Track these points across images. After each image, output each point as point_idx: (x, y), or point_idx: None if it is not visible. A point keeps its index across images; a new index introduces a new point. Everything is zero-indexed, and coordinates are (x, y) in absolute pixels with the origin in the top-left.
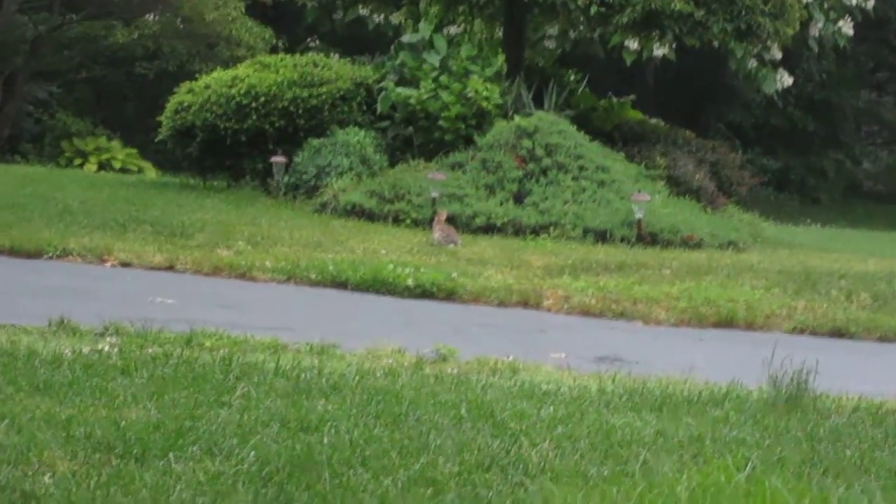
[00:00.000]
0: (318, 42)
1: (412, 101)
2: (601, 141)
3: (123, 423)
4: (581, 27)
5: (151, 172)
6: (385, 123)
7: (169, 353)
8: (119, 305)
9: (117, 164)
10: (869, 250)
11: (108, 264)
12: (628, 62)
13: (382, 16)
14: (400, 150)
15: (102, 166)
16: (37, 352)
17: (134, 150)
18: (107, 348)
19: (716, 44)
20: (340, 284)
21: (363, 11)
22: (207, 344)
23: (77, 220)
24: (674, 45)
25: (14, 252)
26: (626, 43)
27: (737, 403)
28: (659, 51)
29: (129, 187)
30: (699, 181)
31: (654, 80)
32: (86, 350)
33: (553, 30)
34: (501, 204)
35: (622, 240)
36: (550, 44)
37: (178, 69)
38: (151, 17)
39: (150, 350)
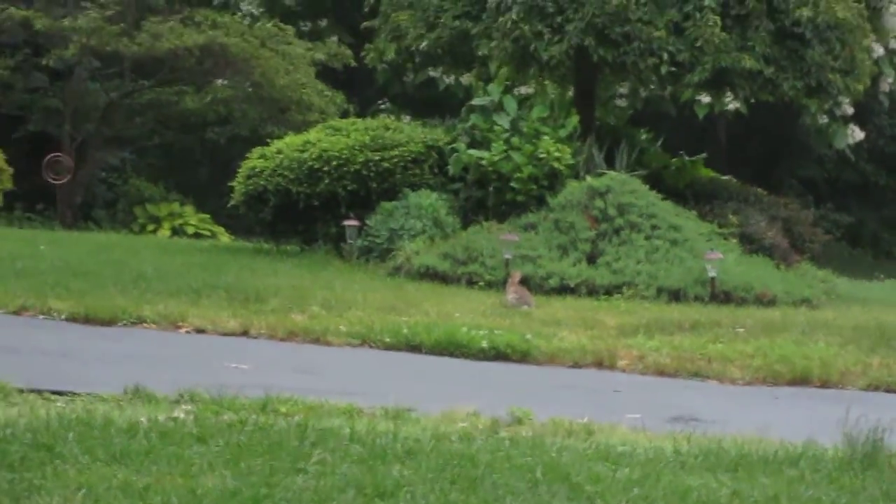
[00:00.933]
0: (388, 104)
1: (484, 162)
2: (673, 199)
3: (200, 491)
4: (652, 86)
5: (224, 237)
6: (457, 185)
7: (244, 420)
8: (194, 372)
9: (190, 230)
10: None
11: (183, 331)
12: (700, 116)
13: (452, 77)
14: (472, 211)
15: (176, 232)
16: (113, 420)
17: (207, 216)
18: (182, 415)
19: (787, 99)
20: (414, 347)
21: (433, 73)
22: (283, 410)
23: (151, 287)
24: (745, 100)
25: (89, 319)
26: (698, 97)
27: (812, 462)
28: (730, 105)
29: (202, 253)
30: (772, 238)
31: (725, 135)
32: (161, 418)
33: (624, 88)
34: (574, 264)
35: (695, 298)
36: (621, 102)
37: (251, 133)
38: (222, 82)
39: (225, 417)
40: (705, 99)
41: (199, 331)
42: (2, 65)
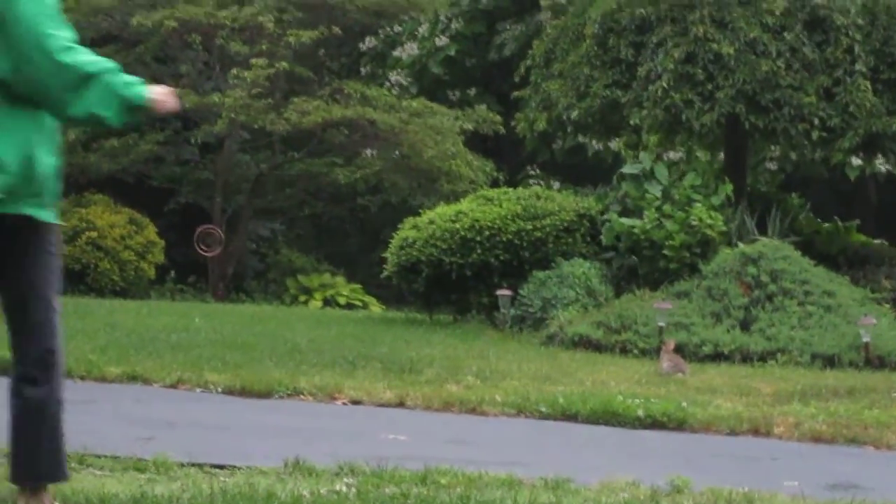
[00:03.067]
0: (537, 171)
1: (636, 230)
2: (825, 265)
3: None
4: (803, 150)
5: (376, 307)
6: (609, 254)
7: (406, 493)
8: (351, 444)
9: (342, 300)
10: None
11: (339, 402)
12: (852, 178)
13: (601, 143)
14: (625, 279)
15: (327, 302)
16: (276, 494)
17: (358, 286)
18: (344, 489)
19: None
20: (570, 417)
21: (582, 139)
22: (443, 482)
23: (306, 359)
24: None
25: (245, 392)
26: (849, 159)
27: None
28: (882, 167)
29: (355, 324)
30: None
31: (876, 197)
32: (324, 491)
33: (774, 153)
34: (728, 331)
35: (850, 364)
36: (772, 166)
37: (401, 203)
38: (371, 153)
39: (387, 490)
40: (856, 161)
41: (355, 402)
42: (153, 139)
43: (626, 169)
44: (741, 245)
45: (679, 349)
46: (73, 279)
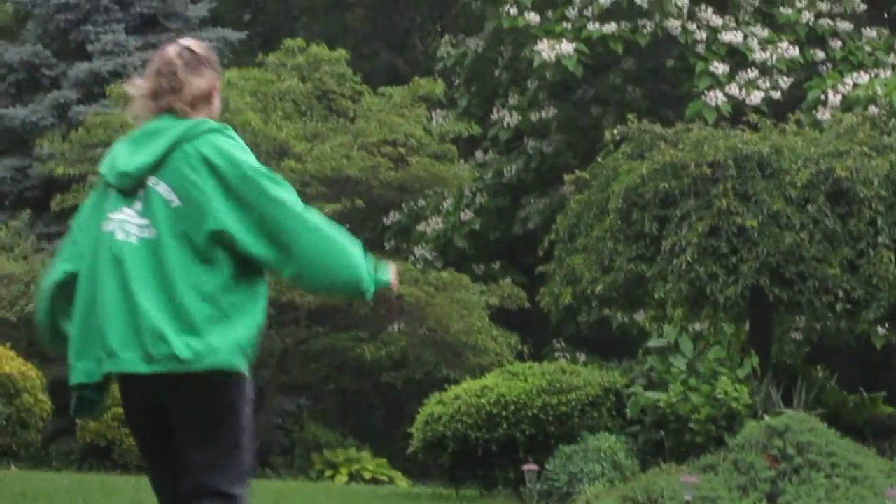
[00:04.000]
0: (563, 344)
1: (662, 404)
2: (852, 436)
3: None
4: (828, 322)
5: (402, 482)
6: (635, 428)
7: None
8: None
9: (367, 475)
10: None
11: None
12: (878, 347)
13: (626, 317)
14: (651, 453)
15: (353, 477)
16: None
17: (384, 460)
18: None
19: None
20: None
21: (607, 313)
22: None
23: None
24: None
25: None
26: (875, 328)
27: None
28: None
29: (381, 500)
30: None
31: None
32: None
33: (799, 324)
34: None
35: None
36: (797, 336)
37: (425, 377)
38: (396, 327)
39: None
40: (882, 331)
41: None
42: None
43: (652, 343)
44: (767, 418)
45: None
46: (100, 455)
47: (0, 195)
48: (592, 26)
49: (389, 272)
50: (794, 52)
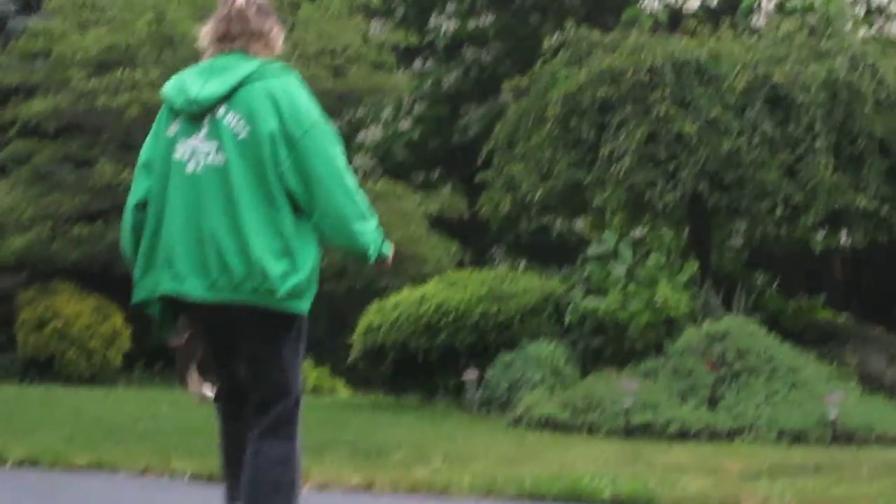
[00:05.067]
0: (503, 252)
1: (601, 311)
2: (791, 341)
3: None
4: (767, 227)
5: (343, 391)
6: (575, 335)
7: None
8: None
9: (310, 384)
10: None
11: (306, 487)
12: (817, 252)
13: (566, 224)
14: (590, 360)
15: None
16: None
17: (326, 369)
18: None
19: None
20: (538, 499)
21: (546, 220)
22: None
23: None
24: (862, 238)
25: (212, 479)
26: (814, 234)
27: None
28: (846, 242)
29: (323, 409)
30: (892, 377)
31: (842, 273)
32: None
33: (739, 230)
34: (695, 410)
35: (817, 440)
36: (737, 241)
37: (366, 287)
38: None
39: None
40: (820, 235)
41: (322, 487)
42: (118, 227)
43: (591, 250)
44: (707, 323)
45: (645, 427)
46: (42, 368)
47: None
48: None
49: (391, 249)
50: None
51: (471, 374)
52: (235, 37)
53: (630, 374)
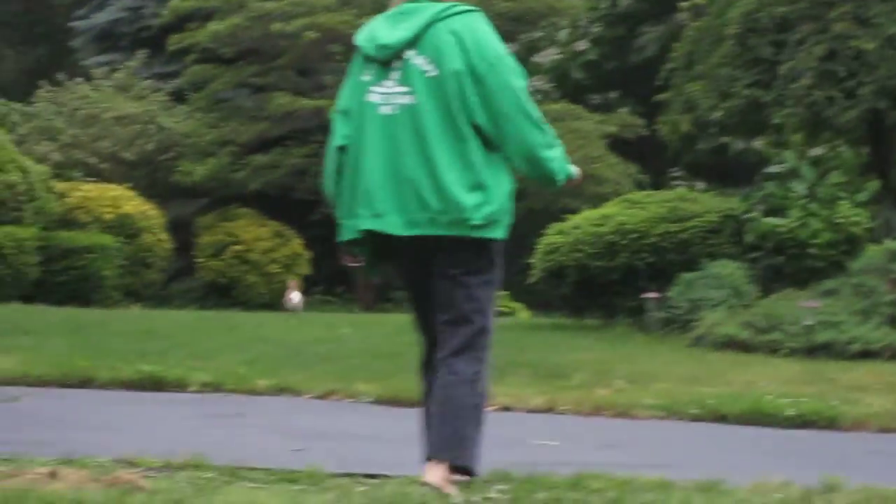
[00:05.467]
0: (681, 172)
1: (781, 230)
2: None
3: None
4: None
5: (523, 313)
6: (755, 254)
7: (559, 498)
8: (502, 450)
9: None
10: None
11: (490, 409)
12: None
13: (745, 143)
14: (771, 279)
15: None
16: (428, 503)
17: (505, 292)
18: (497, 495)
19: None
20: (720, 418)
21: (725, 140)
22: (595, 486)
23: None
24: None
25: (395, 401)
26: None
27: None
28: None
29: (503, 330)
30: None
31: None
32: (477, 498)
33: None
34: (877, 328)
35: None
36: None
37: (544, 209)
38: None
39: (540, 495)
40: None
41: (506, 408)
42: (297, 153)
43: (771, 168)
44: (887, 242)
45: (827, 347)
46: (221, 293)
47: (116, 36)
48: None
49: (576, 170)
50: None
51: (651, 295)
52: None
53: (811, 293)
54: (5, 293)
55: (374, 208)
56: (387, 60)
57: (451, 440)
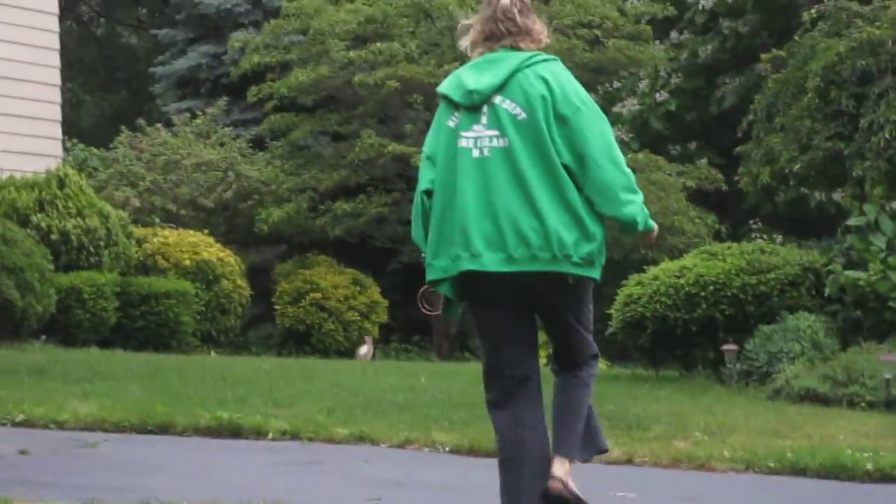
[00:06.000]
0: (759, 224)
1: (861, 283)
2: None
3: None
4: None
5: (601, 364)
6: (834, 307)
7: None
8: None
9: None
10: None
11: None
12: None
13: (824, 195)
14: (850, 332)
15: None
16: None
17: None
18: None
19: None
20: (799, 471)
21: (804, 192)
22: None
23: None
24: None
25: (472, 451)
26: None
27: None
28: None
29: None
30: None
31: None
32: None
33: None
34: None
35: None
36: None
37: (623, 258)
38: None
39: None
40: None
41: (584, 460)
42: (379, 202)
43: (851, 221)
44: None
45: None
46: (299, 340)
47: (196, 82)
48: None
49: (654, 225)
50: None
51: (730, 347)
52: (502, 35)
53: (890, 346)
54: (84, 338)
55: (472, 248)
56: (475, 106)
57: (575, 440)
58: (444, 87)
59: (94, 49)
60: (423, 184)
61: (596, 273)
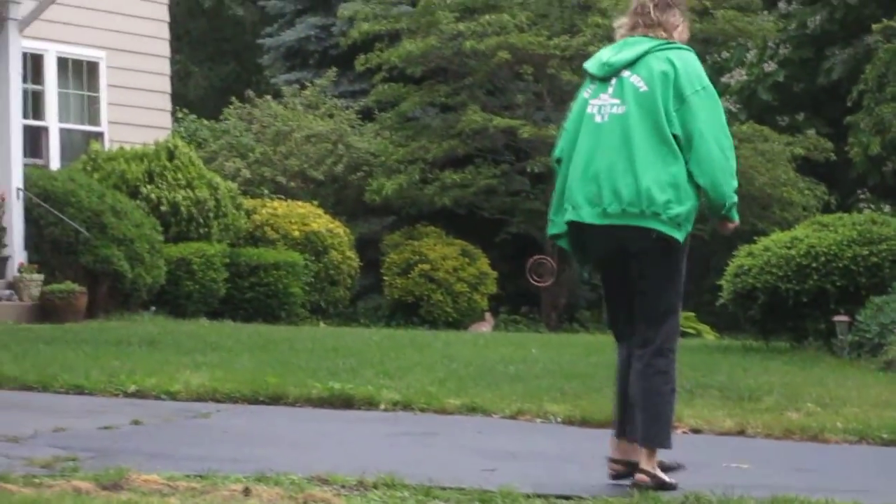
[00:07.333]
0: (868, 195)
1: None
2: None
3: None
4: None
5: (710, 335)
6: None
7: None
8: (694, 473)
9: None
10: None
11: (680, 431)
12: None
13: None
14: None
15: None
16: None
17: (691, 313)
18: None
19: None
20: None
21: None
22: None
23: None
24: None
25: (585, 422)
26: None
27: None
28: None
29: (691, 352)
30: None
31: None
32: None
33: None
34: None
35: None
36: None
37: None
38: None
39: None
40: None
41: (696, 431)
42: (489, 172)
43: None
44: None
45: None
46: (408, 311)
47: (305, 53)
48: None
49: (737, 218)
50: None
51: (842, 318)
52: (638, 27)
53: None
54: (193, 309)
55: (574, 201)
56: (606, 77)
57: (654, 429)
58: (587, 63)
59: (202, 21)
60: (555, 152)
61: (679, 235)
